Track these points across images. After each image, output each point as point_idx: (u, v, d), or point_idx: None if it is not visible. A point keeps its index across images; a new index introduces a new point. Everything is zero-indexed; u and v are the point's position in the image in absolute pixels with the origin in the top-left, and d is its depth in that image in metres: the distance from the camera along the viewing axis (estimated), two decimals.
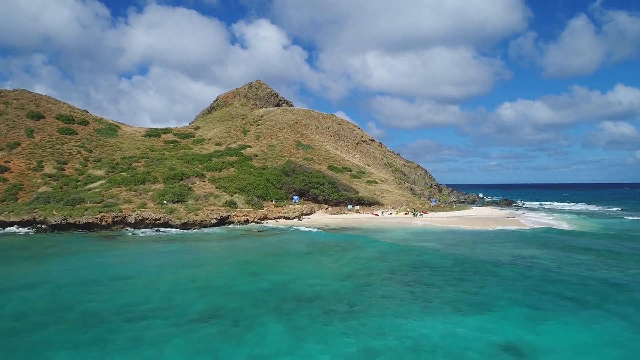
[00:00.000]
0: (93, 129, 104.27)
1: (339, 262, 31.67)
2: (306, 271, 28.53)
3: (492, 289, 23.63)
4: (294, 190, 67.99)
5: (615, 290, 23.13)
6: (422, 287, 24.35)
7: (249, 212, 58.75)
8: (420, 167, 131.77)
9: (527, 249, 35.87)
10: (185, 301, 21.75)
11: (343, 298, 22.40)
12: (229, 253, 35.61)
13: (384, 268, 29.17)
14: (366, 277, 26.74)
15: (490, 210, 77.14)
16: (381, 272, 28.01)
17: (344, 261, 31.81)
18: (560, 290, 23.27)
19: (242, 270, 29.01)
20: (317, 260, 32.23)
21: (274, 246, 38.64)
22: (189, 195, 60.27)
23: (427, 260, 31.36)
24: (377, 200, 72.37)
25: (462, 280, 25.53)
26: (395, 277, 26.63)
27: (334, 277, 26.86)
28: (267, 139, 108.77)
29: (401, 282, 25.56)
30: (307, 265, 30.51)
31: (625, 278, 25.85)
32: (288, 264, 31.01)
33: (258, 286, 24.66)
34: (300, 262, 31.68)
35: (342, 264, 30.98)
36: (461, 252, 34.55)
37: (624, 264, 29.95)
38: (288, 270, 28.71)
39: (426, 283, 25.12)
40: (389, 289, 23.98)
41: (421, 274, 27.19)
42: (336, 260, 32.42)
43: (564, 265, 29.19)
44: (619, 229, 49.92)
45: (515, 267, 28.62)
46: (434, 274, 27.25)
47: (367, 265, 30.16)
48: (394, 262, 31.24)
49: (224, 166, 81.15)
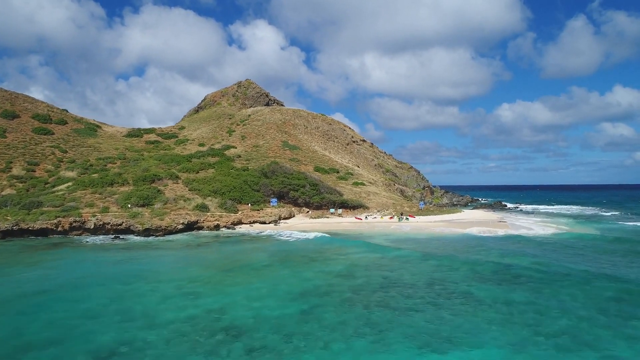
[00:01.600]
0: (71, 128, 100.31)
1: (297, 277, 27.63)
2: (253, 290, 24.47)
3: (467, 319, 19.62)
4: (272, 193, 63.94)
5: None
6: (384, 312, 20.31)
7: (220, 216, 54.67)
8: (412, 169, 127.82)
9: (514, 258, 31.85)
10: (81, 334, 17.67)
11: (282, 328, 18.38)
12: (177, 266, 31.53)
13: (347, 286, 25.14)
14: (322, 298, 22.70)
15: (482, 213, 73.18)
16: (342, 292, 23.97)
17: (304, 276, 27.76)
18: (554, 328, 19.29)
19: (180, 289, 24.93)
20: (273, 276, 28.17)
21: (233, 257, 34.57)
22: (157, 199, 56.17)
23: (398, 277, 27.34)
24: (361, 203, 68.37)
25: (434, 305, 21.49)
26: (355, 299, 22.59)
27: (283, 298, 22.82)
28: (253, 139, 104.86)
29: (361, 304, 21.52)
30: (258, 282, 26.45)
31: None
32: (237, 280, 26.95)
33: (187, 313, 20.60)
34: (253, 277, 27.62)
35: (300, 279, 26.94)
36: (440, 264, 30.52)
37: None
38: (233, 290, 24.64)
39: (391, 307, 21.09)
40: (343, 316, 19.94)
41: (387, 295, 23.15)
42: (295, 274, 28.37)
43: (548, 283, 25.20)
44: (616, 237, 45.99)
45: (498, 288, 24.61)
46: (403, 295, 23.21)
47: (328, 282, 26.14)
48: (361, 278, 27.23)
49: (203, 167, 77.08)
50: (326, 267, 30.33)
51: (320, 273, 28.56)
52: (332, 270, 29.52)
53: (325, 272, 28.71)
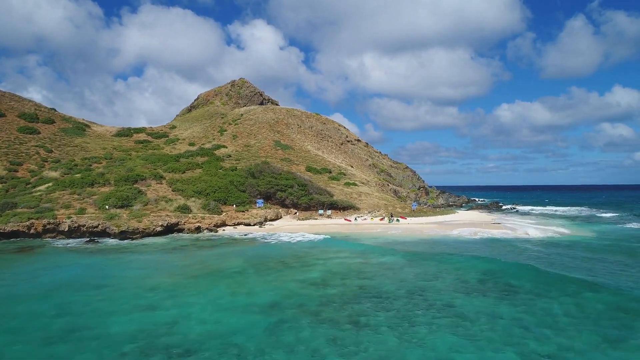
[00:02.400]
0: (58, 128, 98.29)
1: (268, 286, 25.46)
2: (216, 301, 22.31)
3: (444, 338, 17.47)
4: (258, 194, 61.75)
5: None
6: (353, 330, 18.15)
7: (202, 218, 52.48)
8: (408, 169, 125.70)
9: (504, 264, 29.68)
10: None
11: (234, 348, 16.26)
12: (141, 272, 29.31)
13: (319, 297, 22.97)
14: (287, 312, 20.53)
15: (477, 214, 71.01)
16: (312, 304, 21.80)
17: (275, 285, 25.60)
18: (542, 349, 17.16)
19: (136, 299, 22.76)
20: (241, 284, 25.99)
21: (205, 262, 32.40)
22: (137, 199, 53.97)
23: (377, 286, 25.17)
24: (352, 204, 66.19)
25: (409, 320, 19.33)
26: (325, 312, 20.42)
27: (246, 311, 20.66)
28: (245, 139, 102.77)
29: (329, 320, 19.35)
30: (224, 291, 24.29)
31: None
32: (201, 289, 24.77)
33: (133, 327, 18.43)
34: (220, 286, 25.45)
35: (270, 289, 24.77)
36: (423, 271, 28.36)
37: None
38: (193, 300, 22.47)
39: (361, 323, 18.93)
40: (306, 334, 17.78)
41: (361, 308, 20.99)
42: (266, 283, 26.21)
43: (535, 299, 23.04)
44: (613, 241, 43.85)
45: (483, 300, 22.44)
46: (377, 307, 21.05)
47: (300, 292, 23.96)
48: (336, 287, 25.06)
49: (190, 167, 74.88)
50: (301, 275, 28.16)
51: (294, 281, 26.38)
52: (307, 277, 27.35)
53: (299, 280, 26.54)
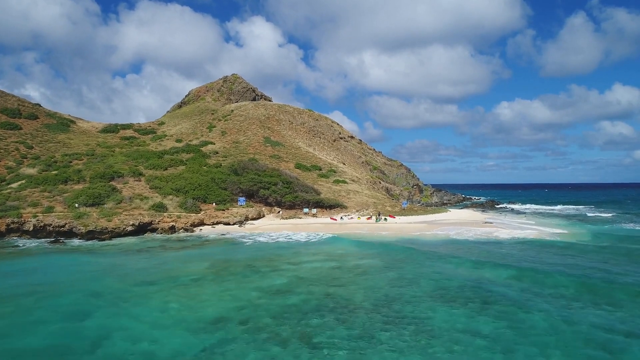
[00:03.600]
0: (42, 123, 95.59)
1: (224, 295, 22.82)
2: (160, 313, 19.68)
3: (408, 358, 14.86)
4: (240, 191, 59.07)
5: None
6: (301, 351, 15.54)
7: (178, 217, 49.80)
8: (402, 166, 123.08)
9: (489, 270, 27.08)
10: None
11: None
12: (90, 276, 26.59)
13: (277, 308, 20.36)
14: (236, 328, 17.90)
15: (469, 213, 68.42)
16: (266, 316, 19.18)
17: (232, 294, 22.96)
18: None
19: (72, 306, 20.12)
20: (196, 293, 23.34)
21: (165, 266, 29.74)
22: (110, 197, 51.29)
23: (346, 294, 22.55)
24: (339, 203, 63.56)
25: (373, 337, 16.71)
26: (277, 327, 17.80)
27: (189, 327, 18.01)
28: (234, 135, 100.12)
29: (278, 339, 16.70)
30: (173, 301, 21.63)
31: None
32: (148, 298, 22.11)
33: (44, 343, 15.83)
34: (170, 295, 22.79)
35: (225, 298, 22.14)
36: (400, 276, 25.74)
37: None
38: (134, 311, 19.83)
39: (314, 343, 16.28)
40: (245, 355, 15.16)
41: (321, 322, 18.37)
42: (224, 291, 23.56)
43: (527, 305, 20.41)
44: (609, 243, 41.29)
45: (461, 311, 19.83)
46: (339, 321, 18.42)
47: (258, 303, 21.34)
48: (300, 295, 22.45)
49: (173, 164, 72.23)
50: (266, 281, 25.53)
51: (255, 289, 23.74)
52: (271, 284, 24.72)
53: (261, 288, 23.90)
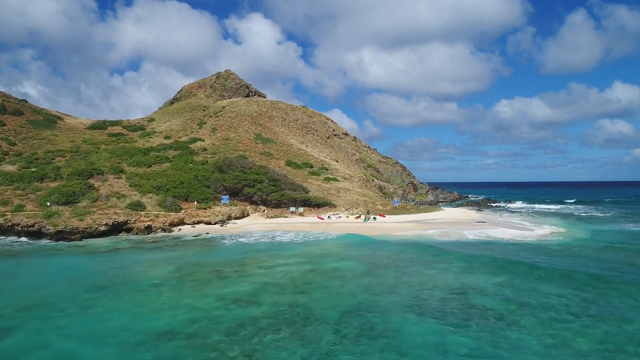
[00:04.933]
0: (27, 120, 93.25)
1: (180, 303, 20.63)
2: (102, 325, 17.50)
3: None
4: (224, 189, 56.83)
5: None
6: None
7: (156, 216, 47.56)
8: (398, 164, 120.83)
9: (475, 276, 24.89)
10: None
11: None
12: (40, 281, 24.41)
13: (233, 319, 18.23)
14: (180, 343, 15.73)
15: (463, 212, 66.22)
16: (218, 330, 17.03)
17: (190, 302, 20.77)
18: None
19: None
20: (150, 301, 21.14)
21: (126, 270, 27.54)
22: (85, 196, 49.06)
23: (312, 303, 20.42)
24: (328, 201, 61.34)
25: (329, 355, 14.52)
26: (224, 344, 15.66)
27: (129, 342, 15.87)
28: (224, 132, 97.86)
29: (221, 358, 14.54)
30: (121, 311, 19.46)
31: None
32: (95, 307, 19.90)
33: None
34: (120, 303, 20.59)
35: (180, 307, 19.96)
36: (378, 282, 23.57)
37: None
38: (73, 323, 17.67)
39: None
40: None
41: (276, 337, 16.24)
42: (182, 299, 21.37)
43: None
44: (607, 244, 39.11)
45: (437, 326, 17.66)
46: (297, 336, 16.29)
47: (213, 314, 19.17)
48: (263, 305, 20.30)
49: (157, 161, 69.98)
50: (231, 288, 23.33)
51: (215, 297, 21.53)
52: (236, 291, 22.53)
53: (224, 296, 21.70)
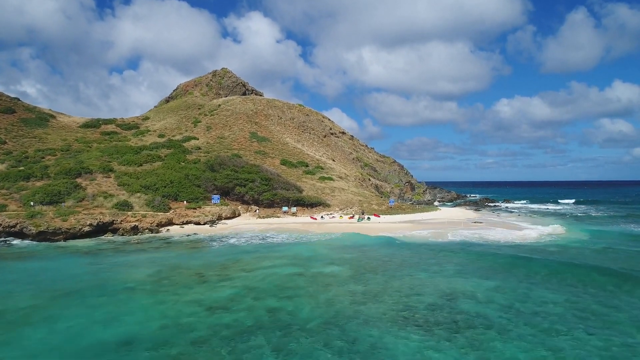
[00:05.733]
0: (19, 118, 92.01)
1: (153, 309, 19.43)
2: (55, 336, 16.28)
3: None
4: (215, 189, 55.59)
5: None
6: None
7: (144, 216, 46.32)
8: (395, 163, 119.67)
9: (464, 281, 23.65)
10: None
11: None
12: (4, 289, 23.16)
13: (205, 328, 17.04)
14: (137, 356, 14.49)
15: (460, 212, 64.98)
16: (185, 340, 15.84)
17: (164, 308, 19.57)
18: None
19: None
20: (120, 306, 19.92)
21: (103, 274, 26.30)
22: (71, 195, 47.83)
23: (295, 309, 19.24)
24: (322, 201, 60.10)
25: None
26: (190, 356, 14.40)
27: (75, 353, 14.62)
28: (219, 130, 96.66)
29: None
30: (86, 317, 18.26)
31: None
32: (58, 314, 18.68)
33: None
34: (87, 309, 19.37)
35: (151, 314, 18.77)
36: (366, 289, 22.35)
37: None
38: (29, 333, 16.43)
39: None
40: None
41: (248, 346, 15.02)
42: (156, 304, 20.15)
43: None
44: (606, 245, 37.87)
45: (418, 336, 16.43)
46: (271, 347, 15.06)
47: (185, 321, 17.97)
48: (240, 312, 19.13)
49: (149, 160, 68.72)
50: (210, 292, 22.10)
51: (191, 303, 20.31)
52: (212, 297, 21.29)
53: (200, 301, 20.49)
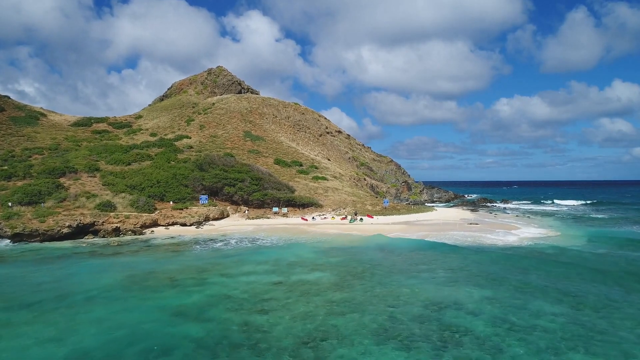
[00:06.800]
0: (8, 116, 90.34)
1: (114, 317, 17.74)
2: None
3: None
4: (203, 188, 53.87)
5: None
6: None
7: (127, 217, 44.60)
8: (392, 162, 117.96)
9: (453, 289, 22.00)
10: None
11: None
12: None
13: (161, 343, 15.32)
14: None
15: (456, 212, 63.30)
16: (139, 354, 14.12)
17: (124, 317, 17.89)
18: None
19: None
20: (76, 316, 18.23)
21: (69, 280, 24.63)
22: (52, 195, 46.12)
23: (264, 326, 17.55)
24: (314, 201, 58.41)
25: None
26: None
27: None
28: (212, 129, 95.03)
29: None
30: (28, 333, 16.54)
31: None
32: (6, 327, 17.02)
33: None
34: (36, 321, 17.68)
35: (109, 324, 17.08)
36: (348, 297, 20.70)
37: None
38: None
39: None
40: None
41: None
42: (118, 312, 18.47)
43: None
44: (606, 250, 36.26)
45: (397, 354, 14.76)
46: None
47: (142, 333, 16.28)
48: (204, 325, 17.46)
49: (138, 159, 67.04)
50: (180, 300, 20.42)
51: (157, 311, 18.66)
52: (183, 305, 19.61)
53: (167, 310, 18.83)
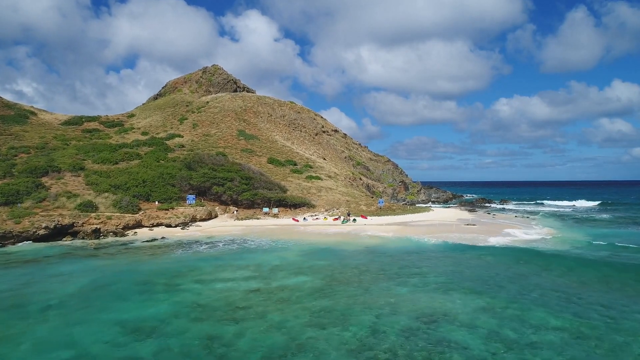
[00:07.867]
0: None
1: (60, 332, 15.92)
2: None
3: None
4: (190, 188, 51.97)
5: None
6: None
7: (109, 218, 42.69)
8: (389, 162, 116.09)
9: (445, 294, 20.12)
10: None
11: None
12: None
13: (141, 348, 13.43)
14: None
15: (454, 212, 61.45)
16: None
17: (72, 332, 16.03)
18: None
19: None
20: (20, 331, 16.36)
21: (27, 289, 22.67)
22: (31, 195, 44.21)
23: (229, 342, 15.73)
24: (306, 201, 56.53)
25: None
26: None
27: None
28: (205, 128, 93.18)
29: None
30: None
31: None
32: None
33: None
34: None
35: (53, 341, 15.24)
36: (332, 307, 18.84)
37: None
38: None
39: None
40: None
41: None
42: (68, 325, 16.63)
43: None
44: (607, 253, 34.41)
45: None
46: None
47: (86, 352, 14.40)
48: (161, 341, 15.66)
49: (126, 158, 65.14)
50: (143, 310, 18.56)
51: (114, 323, 16.75)
52: (144, 316, 17.75)
53: (125, 322, 16.95)
